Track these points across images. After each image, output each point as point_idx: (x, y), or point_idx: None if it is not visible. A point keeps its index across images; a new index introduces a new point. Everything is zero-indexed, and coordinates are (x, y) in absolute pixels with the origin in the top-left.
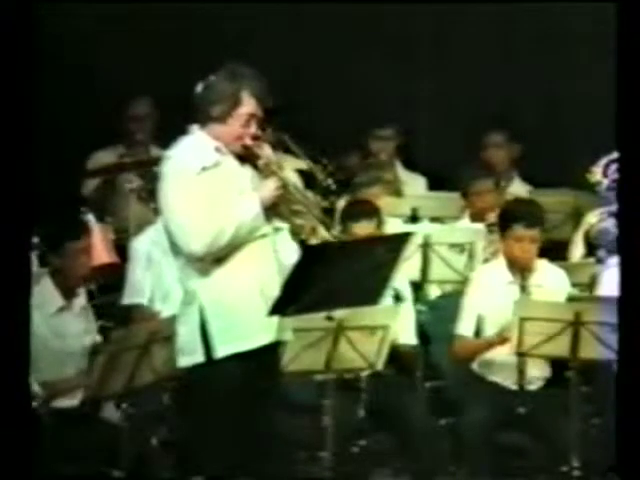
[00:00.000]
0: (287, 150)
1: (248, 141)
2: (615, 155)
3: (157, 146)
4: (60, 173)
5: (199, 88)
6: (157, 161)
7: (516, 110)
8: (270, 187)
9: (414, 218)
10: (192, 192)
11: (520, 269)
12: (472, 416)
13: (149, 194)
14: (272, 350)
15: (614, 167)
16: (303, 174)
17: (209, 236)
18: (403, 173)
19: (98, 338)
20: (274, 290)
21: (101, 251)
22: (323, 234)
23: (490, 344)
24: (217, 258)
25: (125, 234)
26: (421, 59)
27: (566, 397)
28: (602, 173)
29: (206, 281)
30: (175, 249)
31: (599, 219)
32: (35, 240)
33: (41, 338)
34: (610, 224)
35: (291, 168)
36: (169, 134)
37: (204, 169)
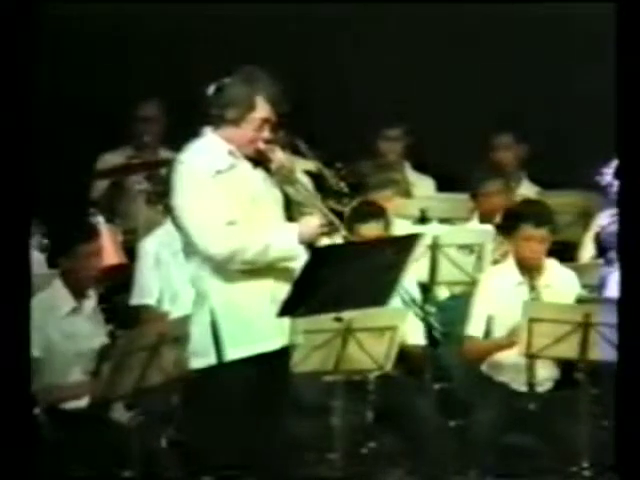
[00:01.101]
0: (296, 152)
1: (261, 145)
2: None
3: (165, 148)
4: (69, 175)
5: (212, 90)
6: (165, 162)
7: (525, 111)
8: (314, 224)
9: (423, 219)
10: (208, 195)
11: (529, 269)
12: (481, 417)
13: (158, 197)
14: (283, 354)
15: None
16: (312, 176)
17: (232, 245)
18: (411, 174)
19: (107, 340)
20: (285, 295)
21: (110, 252)
22: (332, 236)
23: (499, 346)
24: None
25: (134, 235)
26: (430, 60)
27: (575, 398)
28: (613, 175)
29: (218, 283)
30: (188, 250)
31: (610, 221)
32: (45, 242)
33: (52, 340)
34: None
35: (300, 169)
36: (177, 136)
37: (219, 172)
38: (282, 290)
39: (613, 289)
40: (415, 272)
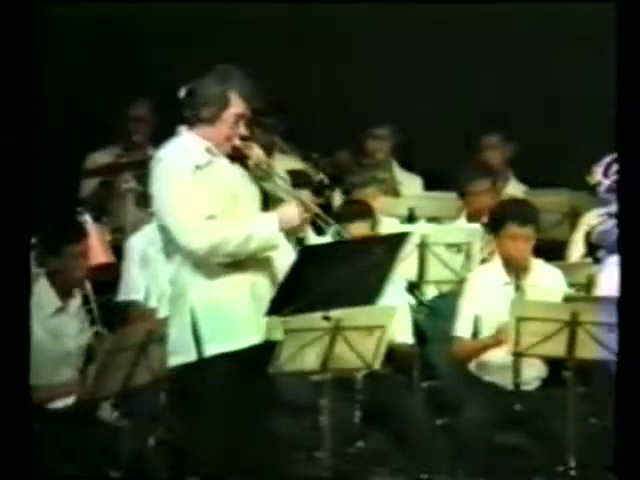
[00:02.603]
0: (282, 151)
1: (237, 142)
2: (616, 155)
3: (154, 147)
4: (57, 174)
5: (185, 91)
6: None
7: (513, 110)
8: (293, 212)
9: (411, 218)
10: (188, 191)
11: (516, 268)
12: (469, 416)
13: (147, 199)
14: (264, 350)
15: (615, 168)
16: (291, 174)
17: (213, 238)
18: (400, 173)
19: (94, 339)
20: (265, 290)
21: (98, 251)
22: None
23: (486, 346)
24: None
25: (121, 234)
26: (418, 58)
27: (563, 397)
28: (602, 174)
29: (197, 280)
30: (168, 249)
31: (600, 221)
32: (32, 241)
33: (37, 340)
34: (610, 226)
35: (283, 168)
36: (166, 136)
37: (198, 168)
38: (262, 286)
39: (602, 287)
40: (404, 271)
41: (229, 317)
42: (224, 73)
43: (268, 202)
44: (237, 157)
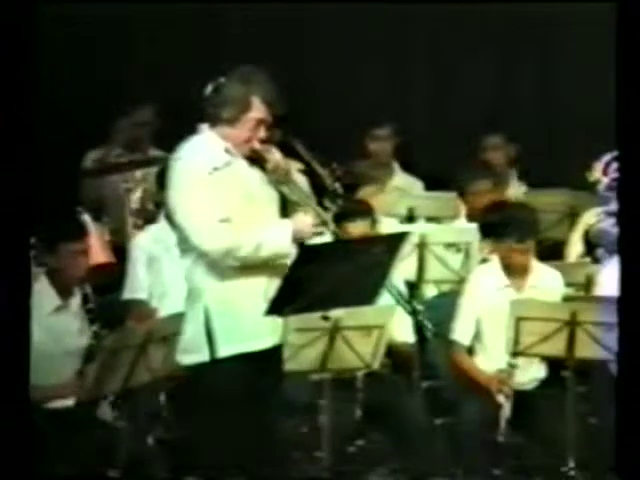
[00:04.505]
0: (291, 151)
1: (256, 145)
2: (616, 154)
3: (154, 147)
4: (57, 173)
5: (210, 89)
6: (153, 161)
7: (514, 110)
8: (308, 223)
9: (410, 218)
10: (204, 191)
11: (515, 272)
12: (468, 416)
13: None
14: (275, 352)
15: (614, 166)
16: (308, 174)
17: (225, 242)
18: (401, 176)
19: (94, 338)
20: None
21: (97, 251)
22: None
23: (485, 382)
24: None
25: (121, 234)
26: (418, 60)
27: (563, 397)
28: (602, 171)
29: (212, 280)
30: (183, 247)
31: (598, 219)
32: (32, 240)
33: (37, 339)
34: (608, 224)
35: (295, 169)
36: (166, 136)
37: (215, 169)
38: (275, 288)
39: (602, 287)
40: (403, 270)
41: (243, 318)
42: (247, 75)
43: (287, 205)
44: (255, 160)
